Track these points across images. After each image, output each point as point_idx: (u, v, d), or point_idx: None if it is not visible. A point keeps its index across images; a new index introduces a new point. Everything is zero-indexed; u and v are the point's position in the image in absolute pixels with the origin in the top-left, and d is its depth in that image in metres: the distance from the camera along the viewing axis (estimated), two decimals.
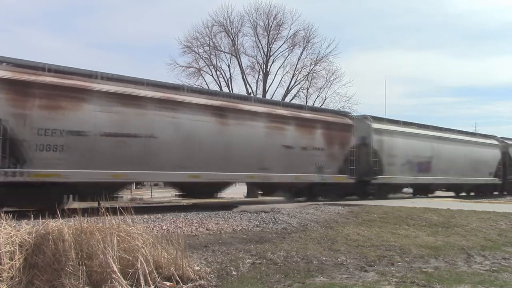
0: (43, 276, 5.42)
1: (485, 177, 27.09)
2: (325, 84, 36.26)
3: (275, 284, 6.15)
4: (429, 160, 22.92)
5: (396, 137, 21.18)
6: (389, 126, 21.48)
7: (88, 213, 6.55)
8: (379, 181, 19.66)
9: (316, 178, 17.10)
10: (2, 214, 6.14)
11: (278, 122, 16.07)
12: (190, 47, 34.99)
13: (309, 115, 17.65)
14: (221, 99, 15.03)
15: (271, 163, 15.45)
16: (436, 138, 23.83)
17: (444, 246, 8.91)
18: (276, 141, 15.76)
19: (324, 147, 17.39)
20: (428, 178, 22.85)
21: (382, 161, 20.09)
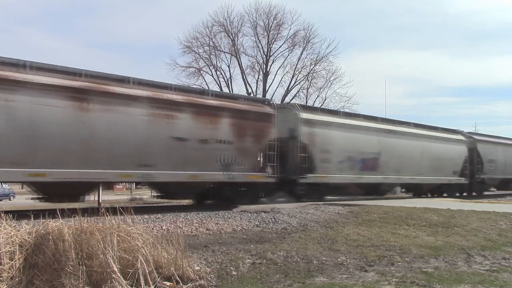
0: (43, 276, 5.42)
1: (449, 176, 24.31)
2: (325, 84, 36.40)
3: (275, 284, 6.15)
4: (376, 156, 19.91)
5: (333, 129, 18.26)
6: (323, 116, 18.52)
7: (88, 213, 6.55)
8: (309, 181, 16.73)
9: (221, 177, 14.27)
10: (2, 214, 6.14)
11: (167, 109, 13.27)
12: (190, 47, 35.14)
13: (212, 102, 14.71)
14: (82, 80, 12.07)
15: (157, 158, 12.90)
16: (386, 132, 20.80)
17: (444, 246, 8.91)
18: (163, 132, 13.06)
19: (232, 139, 14.61)
20: (375, 177, 19.95)
21: (313, 157, 17.14)
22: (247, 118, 15.24)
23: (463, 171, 24.98)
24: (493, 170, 26.94)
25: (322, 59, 36.03)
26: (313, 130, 17.43)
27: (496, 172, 27.29)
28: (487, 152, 26.64)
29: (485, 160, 26.33)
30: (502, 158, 28.09)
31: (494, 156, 27.31)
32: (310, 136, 17.24)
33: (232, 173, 14.51)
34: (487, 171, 26.41)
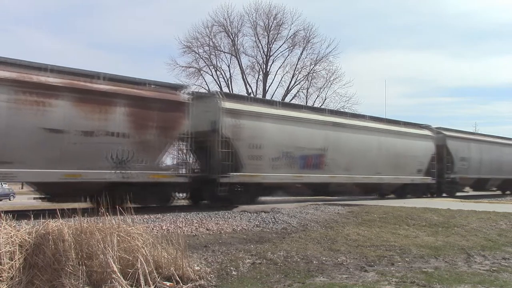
0: (43, 276, 5.42)
1: (412, 175, 21.78)
2: (325, 84, 36.35)
3: (275, 284, 6.15)
4: (321, 153, 17.35)
5: (265, 121, 15.68)
6: (252, 106, 15.83)
7: (88, 213, 6.55)
8: (233, 180, 14.46)
9: (112, 176, 12.27)
10: (2, 214, 6.14)
11: (38, 94, 11.23)
12: (190, 47, 35.10)
13: (103, 87, 12.40)
14: None
15: (20, 154, 10.96)
16: (334, 125, 18.15)
17: (444, 246, 8.91)
18: (30, 123, 11.04)
19: (129, 132, 12.56)
20: (320, 176, 17.35)
21: (239, 153, 14.73)
22: (151, 107, 13.08)
23: (429, 169, 22.58)
24: (465, 169, 24.78)
25: (322, 59, 36.04)
26: (239, 122, 14.84)
27: (470, 171, 25.15)
28: (459, 149, 24.53)
29: (457, 157, 24.27)
30: (477, 155, 25.90)
31: (467, 153, 25.16)
32: (235, 129, 14.72)
33: (128, 172, 12.48)
34: (459, 170, 24.28)
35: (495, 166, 27.35)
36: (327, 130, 17.84)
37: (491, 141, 28.26)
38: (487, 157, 26.69)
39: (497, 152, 27.90)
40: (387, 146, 20.37)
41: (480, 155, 26.19)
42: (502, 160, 28.08)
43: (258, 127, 15.43)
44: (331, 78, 36.23)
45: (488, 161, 26.69)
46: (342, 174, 18.16)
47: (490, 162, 26.81)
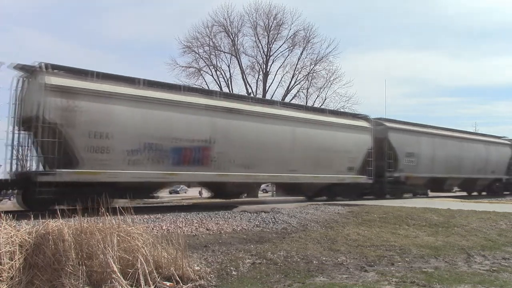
0: (43, 276, 5.42)
1: (341, 173, 18.29)
2: (325, 84, 36.24)
3: (275, 284, 6.15)
4: (206, 145, 14.05)
5: (117, 104, 12.52)
6: (96, 84, 12.38)
7: (88, 213, 6.55)
8: (60, 179, 11.45)
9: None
10: (2, 214, 6.14)
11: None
12: (190, 47, 35.03)
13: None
14: None
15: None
16: (225, 111, 14.65)
17: (444, 246, 8.91)
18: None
19: None
20: (204, 174, 14.17)
21: (72, 144, 11.74)
22: None
23: (364, 167, 19.13)
24: (413, 166, 21.50)
25: (322, 59, 35.93)
26: (72, 104, 11.75)
27: (419, 169, 21.85)
28: (405, 144, 21.14)
29: (401, 153, 20.94)
30: (428, 151, 22.52)
31: (415, 148, 21.66)
32: (66, 113, 11.64)
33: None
34: (405, 167, 21.06)
35: (453, 164, 24.04)
36: (216, 117, 14.38)
37: (447, 135, 24.55)
38: (442, 153, 23.30)
39: (455, 147, 24.51)
40: (305, 138, 16.87)
41: (432, 151, 22.81)
42: (462, 156, 24.79)
43: (104, 110, 12.29)
44: (331, 78, 36.15)
45: (444, 158, 23.35)
46: (238, 172, 14.67)
47: (446, 159, 23.52)
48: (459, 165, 24.89)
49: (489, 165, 27.26)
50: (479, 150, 26.63)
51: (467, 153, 25.45)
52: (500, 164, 28.55)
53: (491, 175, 27.81)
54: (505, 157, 29.28)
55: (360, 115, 21.04)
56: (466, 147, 25.64)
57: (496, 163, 28.03)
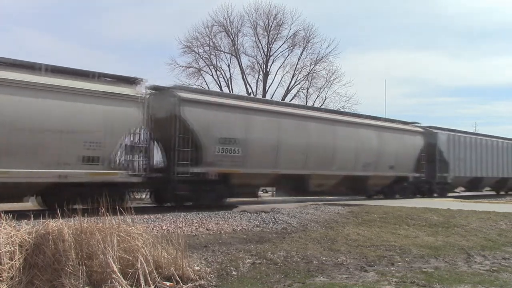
0: (43, 276, 5.42)
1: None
2: (325, 84, 36.30)
3: (275, 284, 6.15)
4: None
5: None
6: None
7: (88, 213, 6.55)
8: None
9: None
10: (2, 214, 6.14)
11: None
12: (190, 47, 35.09)
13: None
14: None
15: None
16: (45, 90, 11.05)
17: (444, 246, 8.91)
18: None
19: None
20: None
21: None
22: None
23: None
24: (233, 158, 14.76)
25: (322, 59, 36.00)
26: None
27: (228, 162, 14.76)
28: (203, 121, 14.22)
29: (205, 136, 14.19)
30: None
31: (220, 131, 14.51)
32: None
33: None
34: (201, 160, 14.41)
35: (318, 155, 17.20)
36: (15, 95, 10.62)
37: (294, 113, 16.94)
38: (266, 137, 15.52)
39: (318, 132, 17.31)
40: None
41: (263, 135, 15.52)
42: (336, 146, 17.86)
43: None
44: (331, 78, 36.20)
45: (267, 143, 15.62)
46: (43, 169, 11.08)
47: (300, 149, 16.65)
48: (332, 157, 17.70)
49: (385, 158, 19.92)
50: (365, 138, 19.29)
51: (341, 141, 18.07)
52: (405, 158, 21.12)
53: (388, 172, 20.41)
54: (413, 149, 21.69)
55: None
56: (341, 133, 18.26)
57: (397, 156, 20.57)
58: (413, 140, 22.05)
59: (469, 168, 25.07)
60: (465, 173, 24.85)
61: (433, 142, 22.96)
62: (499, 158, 27.83)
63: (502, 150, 28.25)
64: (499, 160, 27.76)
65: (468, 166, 25.05)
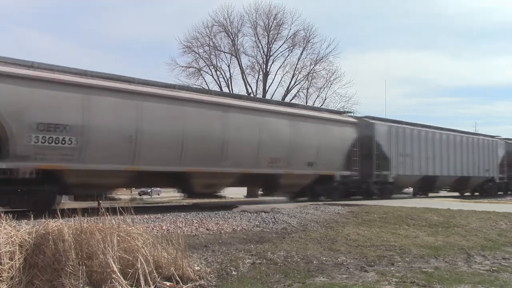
0: (43, 276, 5.42)
1: None
2: (325, 84, 36.16)
3: (275, 284, 6.15)
4: None
5: None
6: None
7: (88, 213, 6.55)
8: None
9: None
10: (2, 214, 6.14)
11: None
12: (190, 47, 35.00)
13: None
14: None
15: None
16: None
17: (444, 246, 8.91)
18: None
19: None
20: None
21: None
22: None
23: None
24: None
25: (322, 59, 35.85)
26: None
27: None
28: None
29: None
30: None
31: None
32: None
33: None
34: None
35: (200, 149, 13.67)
36: None
37: (162, 95, 13.22)
38: None
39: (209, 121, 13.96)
40: None
41: None
42: (228, 139, 14.23)
43: None
44: (331, 78, 36.06)
45: None
46: None
47: None
48: (222, 151, 14.24)
49: (301, 153, 16.42)
50: (273, 128, 15.60)
51: (237, 131, 14.53)
52: (330, 153, 17.41)
53: (307, 170, 16.75)
54: (342, 142, 18.11)
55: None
56: (237, 121, 14.66)
57: (318, 150, 16.97)
58: (342, 132, 18.34)
59: (418, 166, 21.96)
60: (412, 171, 21.64)
61: (370, 134, 19.68)
62: (459, 154, 24.83)
63: (462, 145, 25.21)
64: (457, 157, 24.71)
65: (417, 163, 21.95)
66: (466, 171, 25.27)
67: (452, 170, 24.34)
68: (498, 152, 28.40)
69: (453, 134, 25.13)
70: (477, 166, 26.23)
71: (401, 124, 22.18)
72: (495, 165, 28.12)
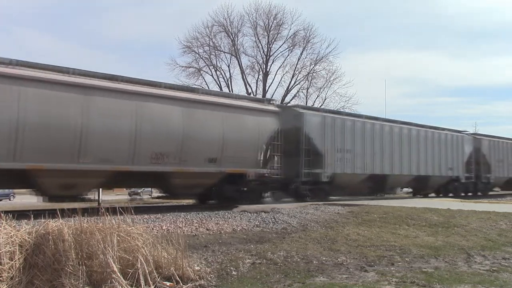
0: (43, 276, 5.42)
1: None
2: (325, 84, 36.20)
3: (275, 284, 6.15)
4: None
5: None
6: None
7: (88, 213, 6.55)
8: None
9: None
10: (2, 214, 6.14)
11: None
12: (190, 47, 35.05)
13: None
14: None
15: None
16: None
17: (444, 246, 8.91)
18: None
19: None
20: None
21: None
22: None
23: None
24: None
25: (322, 59, 35.92)
26: None
27: None
28: None
29: None
30: None
31: None
32: None
33: None
34: None
35: None
36: None
37: None
38: None
39: None
40: None
41: None
42: None
43: None
44: (331, 78, 36.09)
45: None
46: None
47: None
48: (81, 144, 11.58)
49: (198, 147, 13.49)
50: (157, 116, 12.87)
51: (102, 119, 11.88)
52: (240, 148, 14.51)
53: (208, 167, 13.98)
54: (258, 135, 15.14)
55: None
56: (103, 107, 11.95)
57: (223, 144, 14.13)
58: (258, 122, 15.14)
59: (362, 163, 19.19)
60: (354, 169, 18.84)
61: (298, 125, 16.86)
62: (415, 151, 22.00)
63: (419, 140, 22.36)
64: (413, 154, 21.91)
65: (361, 160, 19.13)
66: (424, 169, 22.49)
67: (406, 169, 21.46)
68: (464, 148, 25.23)
69: (408, 127, 22.16)
70: (437, 164, 23.34)
71: (340, 115, 19.83)
72: (461, 163, 24.97)
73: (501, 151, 28.17)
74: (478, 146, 26.51)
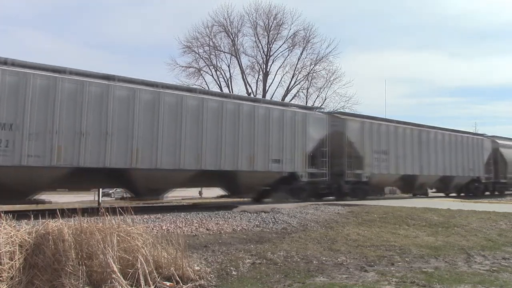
0: (43, 276, 5.42)
1: None
2: (325, 84, 36.18)
3: (275, 284, 6.15)
4: None
5: None
6: None
7: (88, 213, 6.55)
8: None
9: None
10: (2, 214, 6.14)
11: None
12: (190, 47, 35.04)
13: None
14: None
15: None
16: None
17: (444, 246, 8.91)
18: None
19: None
20: None
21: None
22: None
23: None
24: None
25: (322, 59, 35.91)
26: None
27: None
28: None
29: None
30: None
31: None
32: None
33: None
34: None
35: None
36: None
37: None
38: None
39: None
40: None
41: None
42: None
43: None
44: (331, 78, 36.08)
45: None
46: None
47: None
48: None
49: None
50: None
51: None
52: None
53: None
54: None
55: None
56: None
57: None
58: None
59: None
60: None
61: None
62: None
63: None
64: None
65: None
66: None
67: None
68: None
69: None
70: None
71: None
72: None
73: None
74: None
